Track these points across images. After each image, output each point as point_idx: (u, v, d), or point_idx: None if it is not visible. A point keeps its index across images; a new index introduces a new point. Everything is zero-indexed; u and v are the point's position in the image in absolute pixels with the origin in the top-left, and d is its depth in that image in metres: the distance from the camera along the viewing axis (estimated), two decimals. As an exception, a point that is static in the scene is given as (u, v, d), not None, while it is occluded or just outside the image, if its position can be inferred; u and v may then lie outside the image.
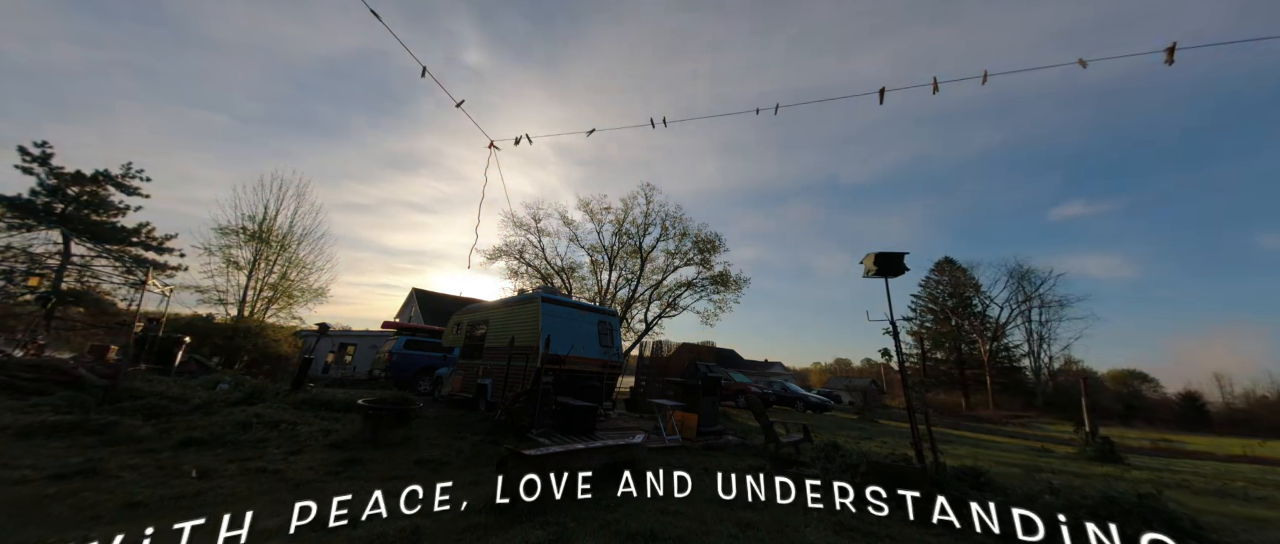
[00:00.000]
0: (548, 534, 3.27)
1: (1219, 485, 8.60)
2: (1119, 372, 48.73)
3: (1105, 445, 11.84)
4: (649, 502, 4.15)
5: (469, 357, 11.40)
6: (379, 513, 3.55)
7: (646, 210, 24.21)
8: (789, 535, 3.65)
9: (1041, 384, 45.20)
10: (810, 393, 27.27)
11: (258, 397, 8.59)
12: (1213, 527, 4.86)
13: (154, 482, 4.16)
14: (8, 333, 16.73)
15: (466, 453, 5.99)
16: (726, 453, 7.29)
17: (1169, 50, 5.03)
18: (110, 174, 19.82)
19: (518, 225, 24.19)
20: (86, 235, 19.04)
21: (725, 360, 37.61)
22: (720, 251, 24.05)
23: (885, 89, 6.30)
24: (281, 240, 21.14)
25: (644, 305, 24.59)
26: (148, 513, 3.47)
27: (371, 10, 5.16)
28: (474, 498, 3.98)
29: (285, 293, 21.30)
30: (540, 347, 8.59)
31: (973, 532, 4.12)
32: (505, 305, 11.39)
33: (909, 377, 5.98)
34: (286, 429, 6.56)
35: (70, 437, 5.55)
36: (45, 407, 6.76)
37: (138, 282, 18.94)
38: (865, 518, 4.24)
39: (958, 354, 47.86)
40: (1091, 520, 4.19)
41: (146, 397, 7.73)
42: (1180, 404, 38.24)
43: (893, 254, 5.92)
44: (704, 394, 8.72)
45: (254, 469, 4.74)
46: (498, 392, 9.41)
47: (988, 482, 5.54)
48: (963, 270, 50.33)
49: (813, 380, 75.48)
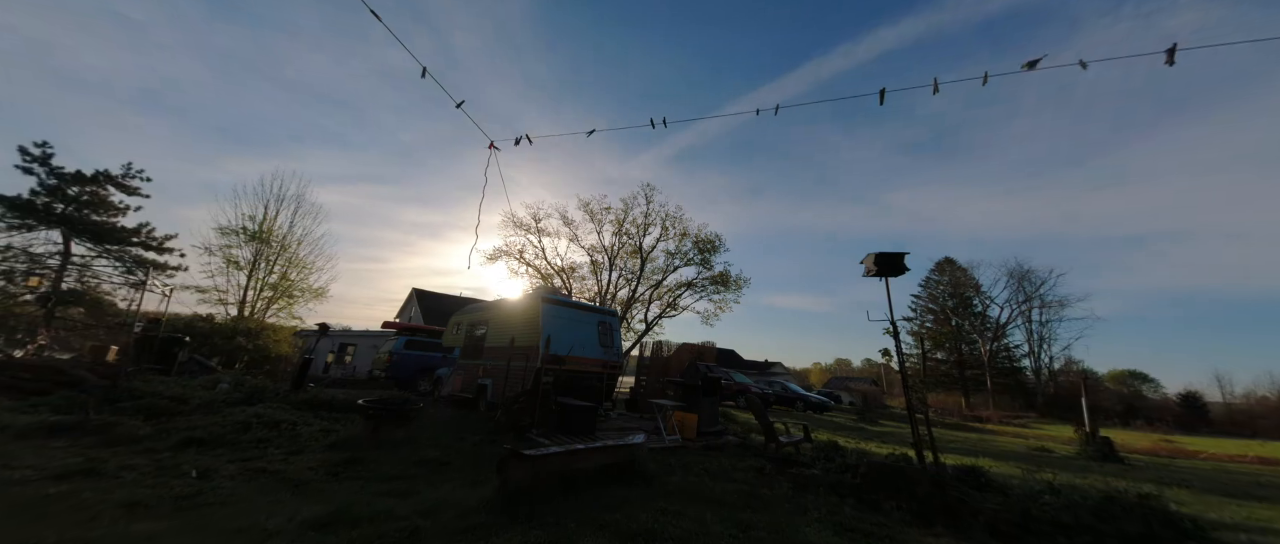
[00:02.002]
0: (548, 534, 3.27)
1: (1219, 485, 8.61)
2: (1119, 372, 48.69)
3: (1105, 445, 11.84)
4: (649, 502, 4.15)
5: (469, 357, 11.40)
6: (379, 513, 3.56)
7: (646, 210, 24.24)
8: (789, 536, 3.65)
9: (1042, 384, 45.17)
10: (810, 393, 27.28)
11: (258, 397, 8.59)
12: (1213, 526, 4.87)
13: (154, 482, 4.16)
14: (8, 333, 16.75)
15: (466, 453, 5.98)
16: (726, 453, 7.28)
17: (1169, 51, 5.03)
18: (110, 174, 19.81)
19: (518, 226, 24.23)
20: (87, 235, 19.04)
21: (725, 360, 37.60)
22: (720, 251, 24.09)
23: (885, 89, 6.30)
24: (282, 240, 21.18)
25: (644, 305, 24.60)
26: (148, 513, 3.47)
27: (371, 10, 5.16)
28: (474, 498, 3.98)
29: (285, 293, 21.32)
30: (540, 347, 8.59)
31: (973, 532, 4.13)
32: (505, 306, 11.40)
33: (909, 377, 5.98)
34: (287, 429, 6.55)
35: (70, 436, 5.55)
36: (45, 407, 6.76)
37: (138, 282, 18.93)
38: (865, 518, 4.25)
39: (958, 354, 47.82)
40: (1092, 520, 4.20)
41: (146, 397, 7.74)
42: (1180, 404, 38.21)
43: (893, 254, 5.91)
44: (704, 394, 8.72)
45: (254, 469, 4.74)
46: (498, 392, 9.41)
47: (988, 482, 5.54)
48: (963, 270, 50.36)
49: (813, 380, 75.44)
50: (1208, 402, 38.73)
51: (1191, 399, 38.44)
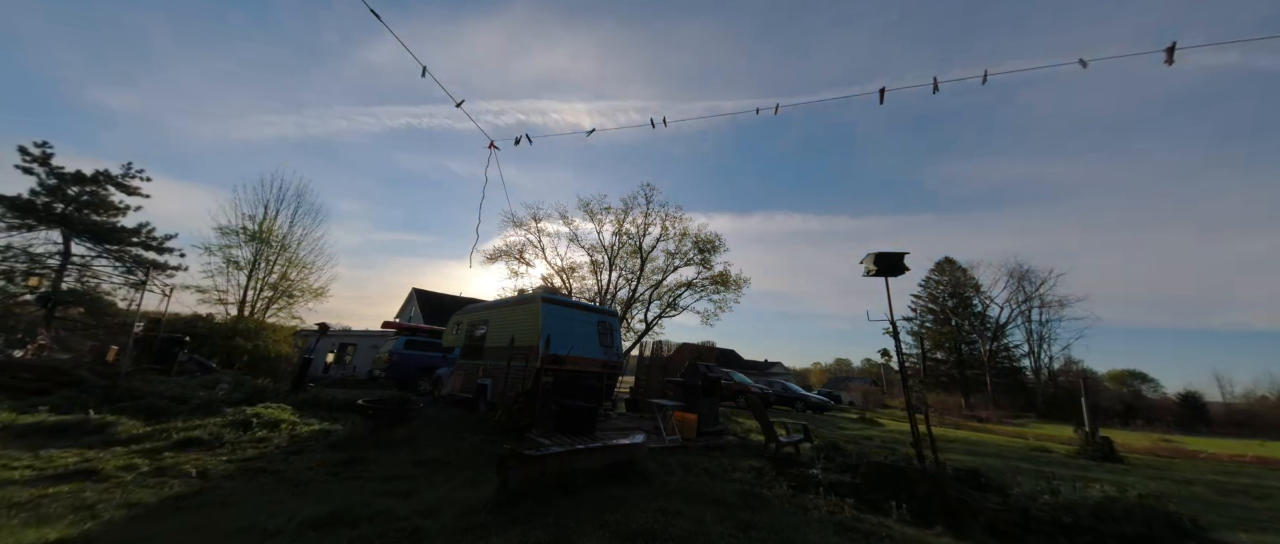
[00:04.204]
0: (548, 534, 3.27)
1: (1219, 485, 8.61)
2: (1119, 372, 48.69)
3: (1105, 445, 11.84)
4: (649, 502, 4.15)
5: (469, 357, 11.40)
6: (379, 513, 3.56)
7: (646, 210, 24.23)
8: (789, 535, 3.65)
9: (1041, 384, 45.14)
10: (810, 393, 27.24)
11: (258, 397, 8.59)
12: (1212, 526, 4.87)
13: (154, 482, 4.17)
14: (8, 333, 16.75)
15: (466, 453, 5.98)
16: (726, 453, 7.28)
17: (1168, 50, 5.03)
18: (110, 174, 19.81)
19: (518, 225, 24.25)
20: (87, 235, 19.03)
21: (725, 360, 37.58)
22: (720, 251, 24.07)
23: (885, 89, 6.31)
24: (281, 240, 21.18)
25: (644, 305, 24.58)
26: (148, 513, 3.47)
27: (371, 10, 5.16)
28: (474, 498, 3.98)
29: (285, 293, 21.32)
30: (540, 347, 8.59)
31: (973, 532, 4.13)
32: (505, 305, 11.40)
33: (909, 377, 5.98)
34: (286, 429, 6.56)
35: (70, 436, 5.55)
36: (45, 407, 6.76)
37: (138, 282, 18.93)
38: (865, 518, 4.24)
39: (958, 354, 47.79)
40: (1092, 520, 4.20)
41: (146, 397, 7.75)
42: (1180, 404, 38.22)
43: (893, 254, 5.92)
44: (704, 394, 8.72)
45: (254, 469, 4.74)
46: (498, 392, 9.41)
47: (988, 482, 5.55)
48: (963, 270, 50.30)
49: (813, 380, 75.43)
50: (1207, 401, 38.77)
51: (1191, 399, 38.47)
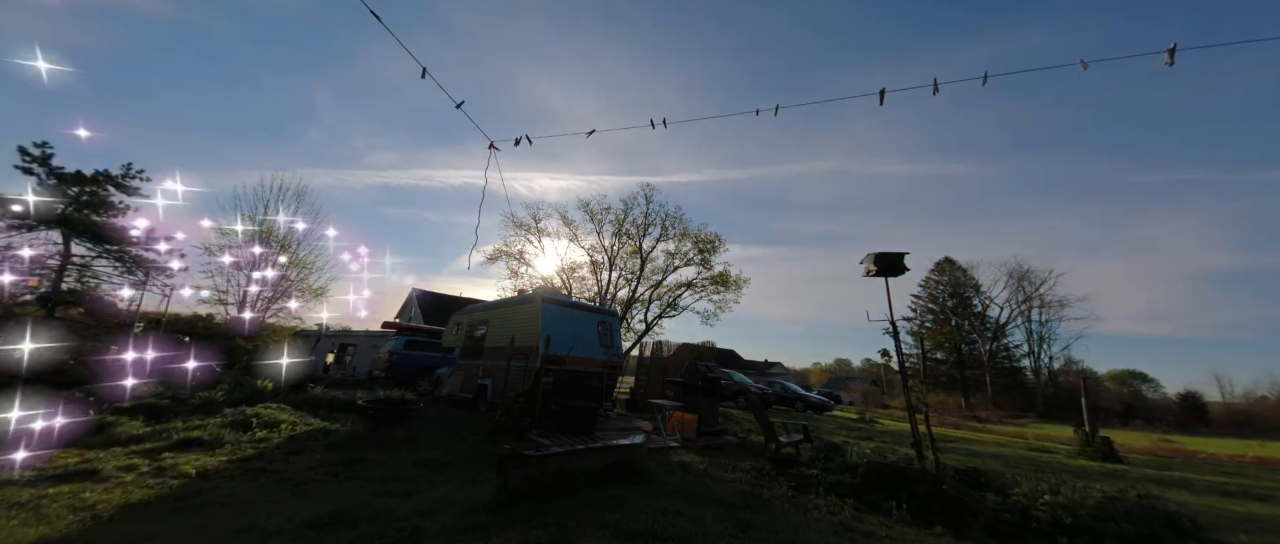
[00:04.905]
0: (548, 534, 3.27)
1: (1219, 485, 8.61)
2: (1119, 372, 48.73)
3: (1105, 445, 11.84)
4: (649, 502, 4.15)
5: (469, 357, 11.40)
6: (379, 513, 3.56)
7: (646, 210, 24.22)
8: (789, 536, 3.65)
9: (1041, 384, 45.16)
10: (810, 393, 27.23)
11: (258, 397, 8.59)
12: (1212, 526, 4.87)
13: (154, 482, 4.17)
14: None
15: (466, 453, 5.98)
16: (726, 453, 7.29)
17: (1169, 51, 5.03)
18: (110, 174, 19.80)
19: (518, 226, 24.23)
20: (87, 235, 19.02)
21: (725, 360, 37.58)
22: (720, 251, 24.06)
23: (885, 90, 6.30)
24: (281, 240, 21.18)
25: (644, 305, 24.55)
26: (148, 513, 3.47)
27: (371, 10, 5.16)
28: (474, 498, 3.98)
29: (285, 293, 21.32)
30: (540, 347, 8.59)
31: (973, 532, 4.13)
32: (505, 306, 11.39)
33: (909, 377, 5.98)
34: (286, 429, 6.56)
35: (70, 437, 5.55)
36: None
37: (138, 282, 18.92)
38: (865, 518, 4.24)
39: (958, 354, 47.80)
40: (1092, 520, 4.20)
41: (146, 397, 7.74)
42: (1180, 404, 38.25)
43: (893, 254, 5.91)
44: (704, 394, 8.71)
45: (254, 469, 4.74)
46: (498, 392, 9.41)
47: (988, 482, 5.55)
48: (963, 270, 50.32)
49: (813, 380, 75.44)
50: (1207, 402, 38.79)
51: (1191, 399, 38.49)
